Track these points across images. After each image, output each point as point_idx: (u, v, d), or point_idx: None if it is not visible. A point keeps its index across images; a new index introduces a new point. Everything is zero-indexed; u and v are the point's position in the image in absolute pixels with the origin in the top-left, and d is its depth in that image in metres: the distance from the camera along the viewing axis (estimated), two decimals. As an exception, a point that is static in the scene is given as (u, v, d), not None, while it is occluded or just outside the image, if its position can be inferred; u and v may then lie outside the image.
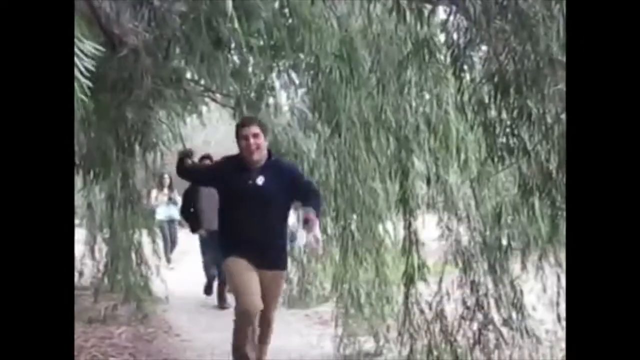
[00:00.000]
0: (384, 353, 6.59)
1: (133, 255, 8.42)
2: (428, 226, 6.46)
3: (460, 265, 5.98)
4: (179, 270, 11.97)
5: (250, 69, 6.63)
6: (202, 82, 7.06)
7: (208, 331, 7.61)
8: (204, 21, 4.97)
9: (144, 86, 4.92)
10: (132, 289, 8.38)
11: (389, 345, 6.56)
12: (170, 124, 7.05)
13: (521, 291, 5.89)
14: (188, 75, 6.69)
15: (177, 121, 7.12)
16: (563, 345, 6.12)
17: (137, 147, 6.51)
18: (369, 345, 6.67)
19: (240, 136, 4.95)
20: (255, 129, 4.94)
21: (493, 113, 4.60)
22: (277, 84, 7.09)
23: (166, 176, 12.29)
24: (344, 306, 6.64)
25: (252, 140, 4.87)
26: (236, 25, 4.28)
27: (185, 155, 5.58)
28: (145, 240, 8.81)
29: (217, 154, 7.06)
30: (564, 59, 4.22)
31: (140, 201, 8.45)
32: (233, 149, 5.31)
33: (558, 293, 5.83)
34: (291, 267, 8.92)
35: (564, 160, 4.46)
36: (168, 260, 12.52)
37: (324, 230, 7.62)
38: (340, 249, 6.52)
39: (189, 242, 11.71)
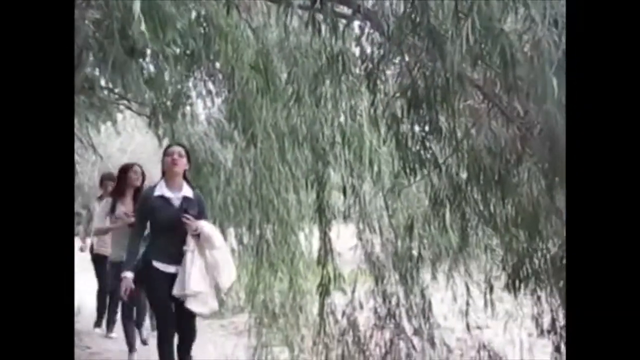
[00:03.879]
0: (299, 363, 6.62)
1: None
2: (343, 236, 6.52)
3: (373, 275, 6.08)
4: (90, 277, 11.65)
5: (166, 78, 6.58)
6: (117, 90, 6.97)
7: (120, 343, 7.47)
8: (117, 29, 4.90)
9: (54, 93, 4.80)
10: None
11: (303, 355, 6.59)
12: (82, 132, 6.91)
13: (430, 301, 6.02)
14: (102, 83, 6.59)
15: (89, 129, 6.98)
16: (473, 353, 6.30)
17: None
18: (283, 355, 6.68)
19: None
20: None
21: (405, 127, 4.69)
22: (193, 93, 7.06)
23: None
24: (258, 316, 6.64)
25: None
26: (142, 28, 4.18)
27: None
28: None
29: (133, 161, 6.94)
30: (473, 76, 4.38)
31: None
32: (149, 157, 5.28)
33: (467, 302, 5.99)
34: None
35: (474, 173, 4.60)
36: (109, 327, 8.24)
37: (239, 241, 7.62)
38: (255, 259, 6.52)
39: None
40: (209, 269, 4.86)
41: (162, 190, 4.93)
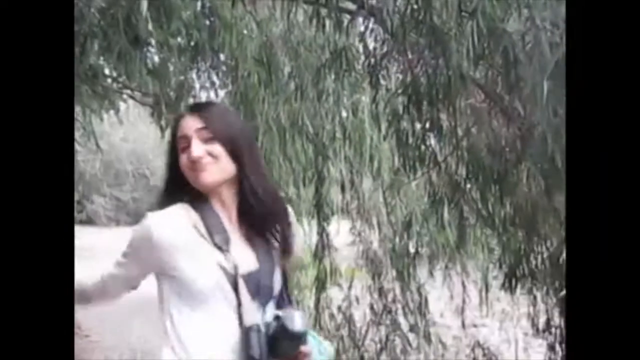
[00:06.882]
0: (294, 356, 6.64)
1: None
2: (342, 232, 6.54)
3: (370, 271, 6.10)
4: (91, 266, 11.65)
5: (170, 68, 6.58)
6: (120, 79, 6.98)
7: (117, 331, 7.50)
8: (122, 18, 4.90)
9: (58, 81, 4.79)
10: (39, 287, 8.16)
11: (298, 349, 6.61)
12: (84, 120, 6.92)
13: (426, 298, 6.05)
14: (106, 71, 6.60)
15: (92, 118, 6.99)
16: (468, 351, 6.33)
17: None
18: (279, 348, 6.70)
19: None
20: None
21: (406, 123, 4.71)
22: (196, 85, 7.06)
23: None
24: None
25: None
26: (149, 26, 4.21)
27: None
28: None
29: (135, 152, 6.96)
30: (475, 75, 4.39)
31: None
32: (152, 148, 5.30)
33: (463, 300, 6.02)
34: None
35: (473, 172, 4.62)
36: None
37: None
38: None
39: (95, 235, 11.43)
40: None
41: None
